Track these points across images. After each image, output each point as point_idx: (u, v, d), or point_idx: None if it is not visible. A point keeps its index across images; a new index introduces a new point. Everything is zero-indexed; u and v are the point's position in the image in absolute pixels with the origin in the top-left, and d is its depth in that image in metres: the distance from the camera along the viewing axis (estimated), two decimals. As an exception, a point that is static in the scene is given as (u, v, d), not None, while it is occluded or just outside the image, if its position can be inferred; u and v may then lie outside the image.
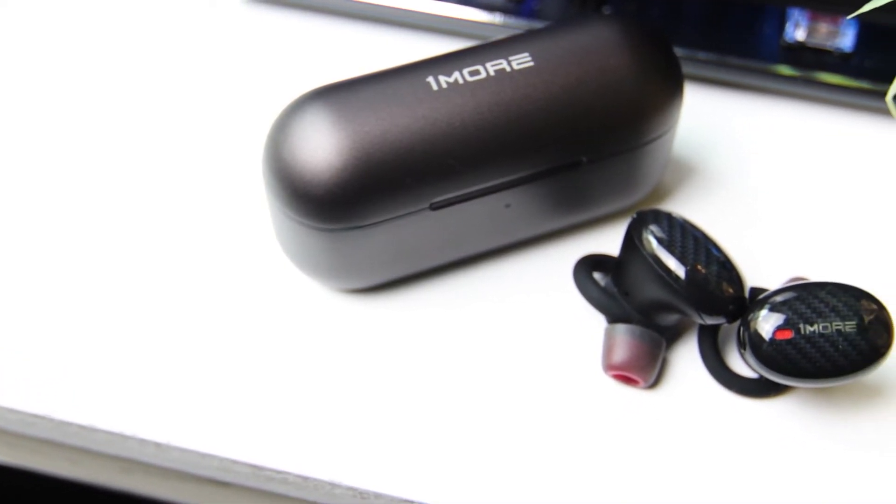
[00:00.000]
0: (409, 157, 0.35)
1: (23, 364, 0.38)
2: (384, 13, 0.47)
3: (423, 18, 0.47)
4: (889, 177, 0.43)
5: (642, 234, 0.36)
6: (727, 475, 0.36)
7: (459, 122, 0.35)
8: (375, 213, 0.35)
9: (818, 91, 0.44)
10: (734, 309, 0.36)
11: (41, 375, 0.38)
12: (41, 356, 0.38)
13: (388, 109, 0.35)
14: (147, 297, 0.40)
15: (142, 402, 0.37)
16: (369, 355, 0.38)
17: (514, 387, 0.38)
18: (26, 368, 0.38)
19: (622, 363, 0.37)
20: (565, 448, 0.36)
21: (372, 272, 0.38)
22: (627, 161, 0.38)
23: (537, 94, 0.36)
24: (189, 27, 0.48)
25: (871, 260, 0.40)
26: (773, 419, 0.37)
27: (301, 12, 0.48)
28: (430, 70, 0.36)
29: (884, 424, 0.37)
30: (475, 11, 0.46)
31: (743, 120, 0.45)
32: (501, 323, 0.39)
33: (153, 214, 0.42)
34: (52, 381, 0.38)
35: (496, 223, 0.38)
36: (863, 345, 0.34)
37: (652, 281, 0.36)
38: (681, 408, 0.37)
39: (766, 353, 0.35)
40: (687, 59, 0.44)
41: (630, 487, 0.36)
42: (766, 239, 0.41)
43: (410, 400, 0.37)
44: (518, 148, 0.36)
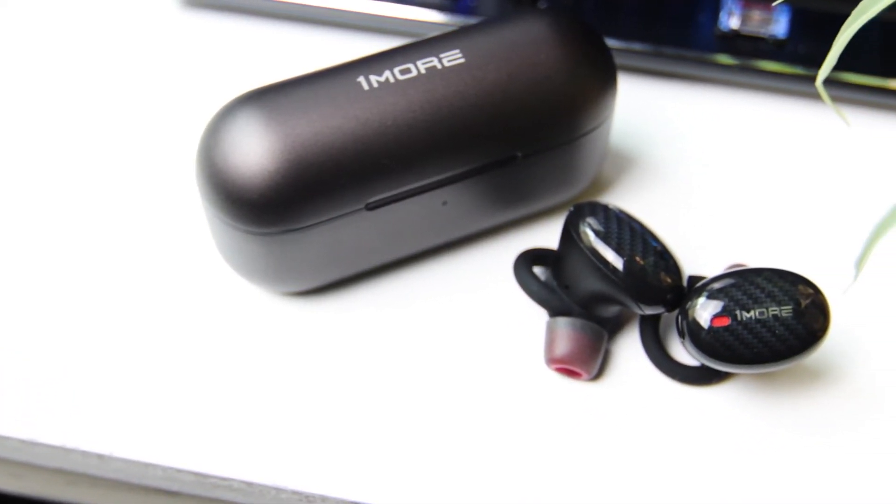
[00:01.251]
0: (342, 157, 0.35)
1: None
2: (323, 15, 0.47)
3: (362, 19, 0.47)
4: (824, 161, 0.43)
5: (579, 227, 0.36)
6: (672, 463, 0.36)
7: (391, 122, 0.35)
8: (310, 216, 0.35)
9: (753, 78, 0.45)
10: (672, 298, 0.36)
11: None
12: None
13: (320, 111, 0.35)
14: (84, 306, 0.39)
15: (82, 414, 0.37)
16: (311, 358, 0.38)
17: (458, 384, 0.38)
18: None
19: (564, 356, 0.37)
20: (510, 443, 0.36)
21: (311, 274, 0.38)
22: (563, 154, 0.38)
23: (468, 90, 0.36)
24: (124, 32, 0.48)
25: (809, 244, 0.41)
26: (715, 406, 0.37)
27: (238, 16, 0.48)
28: (362, 70, 0.36)
29: (824, 407, 0.37)
30: (413, 10, 0.46)
31: (680, 109, 0.45)
32: (443, 321, 0.39)
33: (88, 222, 0.42)
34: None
35: (434, 221, 0.38)
36: (799, 329, 0.34)
37: (590, 273, 0.36)
38: (624, 398, 0.37)
39: (705, 340, 0.35)
40: (623, 51, 0.45)
41: (577, 479, 0.36)
42: (705, 227, 0.41)
43: (353, 401, 0.37)
44: (452, 145, 0.36)
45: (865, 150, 0.44)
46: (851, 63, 0.45)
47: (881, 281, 0.40)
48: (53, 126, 0.45)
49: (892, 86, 0.44)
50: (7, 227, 0.41)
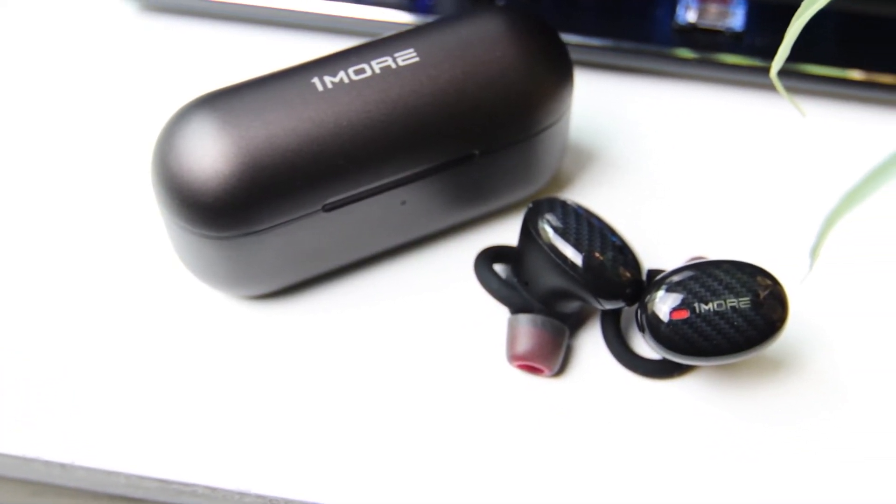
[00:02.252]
0: (298, 159, 0.35)
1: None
2: (283, 16, 0.47)
3: (322, 20, 0.47)
4: (783, 152, 0.43)
5: (538, 224, 0.36)
6: (637, 457, 0.36)
7: (346, 122, 0.35)
8: (267, 218, 0.35)
9: (712, 71, 0.45)
10: (631, 292, 0.36)
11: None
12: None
13: (274, 113, 0.35)
14: (42, 314, 0.39)
15: (43, 423, 0.37)
16: (273, 362, 0.38)
17: (420, 385, 0.38)
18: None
19: (525, 353, 0.37)
20: (474, 442, 0.36)
21: (270, 277, 0.38)
22: (521, 151, 0.38)
23: (423, 89, 0.36)
24: (82, 36, 0.47)
25: (769, 235, 0.41)
26: (678, 398, 0.37)
27: (197, 19, 0.48)
28: (316, 71, 0.36)
29: (786, 396, 0.37)
30: (372, 9, 0.46)
31: (640, 104, 0.45)
32: (405, 321, 0.39)
33: (46, 228, 0.41)
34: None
35: (393, 221, 0.38)
36: (758, 320, 0.35)
37: (549, 270, 0.36)
38: (587, 394, 0.37)
39: (665, 334, 0.35)
40: (581, 47, 0.45)
41: (541, 476, 0.36)
42: (665, 220, 0.41)
43: (316, 403, 0.37)
44: (408, 144, 0.36)
45: (824, 140, 0.44)
46: (810, 54, 0.45)
47: (840, 269, 0.40)
48: (8, 131, 0.44)
49: (850, 76, 0.45)
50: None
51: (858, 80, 0.45)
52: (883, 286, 0.40)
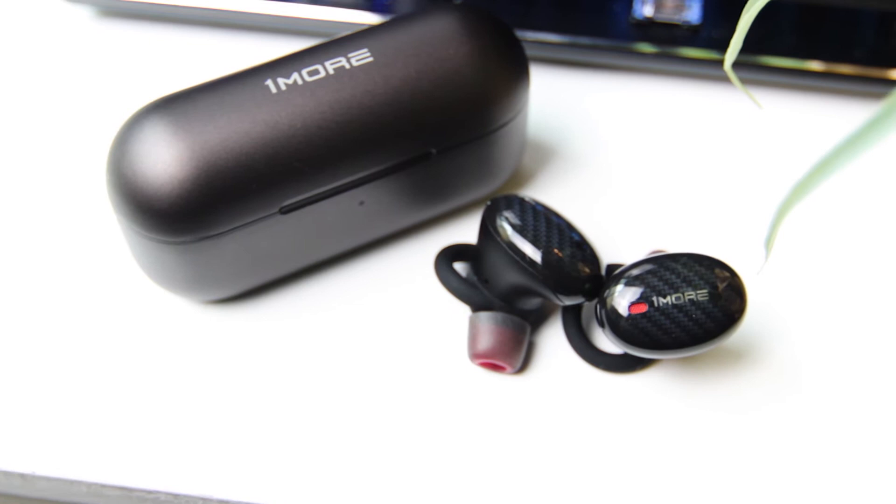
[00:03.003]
0: (252, 162, 0.35)
1: None
2: (239, 19, 0.46)
3: (280, 21, 0.46)
4: (743, 144, 0.44)
5: (496, 222, 0.36)
6: (600, 451, 0.36)
7: (301, 124, 0.35)
8: (223, 222, 0.35)
9: (670, 65, 0.45)
10: (591, 288, 0.36)
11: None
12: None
13: (228, 116, 0.35)
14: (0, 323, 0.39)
15: (1, 434, 0.37)
16: (234, 366, 0.38)
17: (383, 385, 0.37)
18: None
19: (487, 351, 0.37)
20: (438, 441, 0.36)
21: (230, 281, 0.38)
22: (478, 149, 0.38)
23: (378, 89, 0.36)
24: (37, 42, 0.47)
25: (729, 228, 0.41)
26: (641, 392, 0.37)
27: (153, 23, 0.47)
28: (269, 73, 0.36)
29: (746, 387, 0.37)
30: (330, 10, 0.46)
31: (599, 99, 0.45)
32: (366, 322, 0.39)
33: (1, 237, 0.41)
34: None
35: (352, 222, 0.38)
36: (716, 312, 0.35)
37: (509, 267, 0.36)
38: (550, 390, 0.37)
39: (624, 328, 0.35)
40: (539, 43, 0.45)
41: (505, 472, 0.36)
42: (626, 214, 0.41)
43: (279, 408, 0.37)
44: (363, 144, 0.36)
45: (784, 131, 0.44)
46: (769, 46, 0.45)
47: (798, 259, 0.40)
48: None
49: (809, 67, 0.45)
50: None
51: (818, 70, 0.45)
52: (840, 275, 0.40)
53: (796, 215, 0.41)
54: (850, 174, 0.42)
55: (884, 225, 0.41)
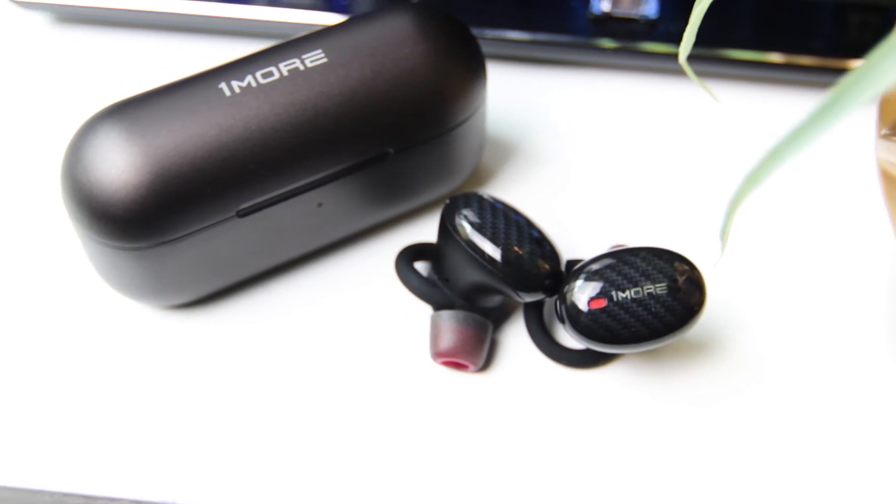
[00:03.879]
0: (207, 166, 0.34)
1: None
2: (197, 22, 0.46)
3: (238, 24, 0.46)
4: (703, 137, 0.44)
5: (455, 220, 0.36)
6: (566, 447, 0.36)
7: (256, 126, 0.35)
8: (180, 227, 0.35)
9: (629, 59, 0.45)
10: (551, 284, 0.36)
11: None
12: None
13: (181, 120, 0.35)
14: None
15: (-36, 446, 0.36)
16: (195, 372, 0.38)
17: (346, 387, 0.37)
18: None
19: (448, 349, 0.37)
20: (403, 442, 0.36)
21: (189, 287, 0.38)
22: (436, 148, 0.38)
23: (332, 90, 0.36)
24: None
25: (689, 221, 0.41)
26: (604, 386, 0.37)
27: (112, 28, 0.47)
28: (223, 76, 0.36)
29: (709, 378, 0.37)
30: (287, 12, 0.46)
31: (559, 95, 0.45)
32: (327, 324, 0.39)
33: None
34: None
35: (311, 224, 0.38)
36: (675, 306, 0.35)
37: (469, 265, 0.36)
38: (513, 387, 0.37)
39: (584, 323, 0.35)
40: (497, 41, 0.45)
41: (471, 471, 0.36)
42: (587, 209, 0.41)
43: (243, 413, 0.37)
44: (320, 145, 0.36)
45: (744, 123, 0.44)
46: (729, 38, 0.45)
47: (758, 251, 0.40)
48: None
49: (769, 59, 0.45)
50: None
51: (777, 62, 0.45)
52: (799, 265, 0.40)
53: (756, 207, 0.41)
54: (809, 165, 0.42)
55: (842, 216, 0.41)
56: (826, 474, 0.35)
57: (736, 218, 0.40)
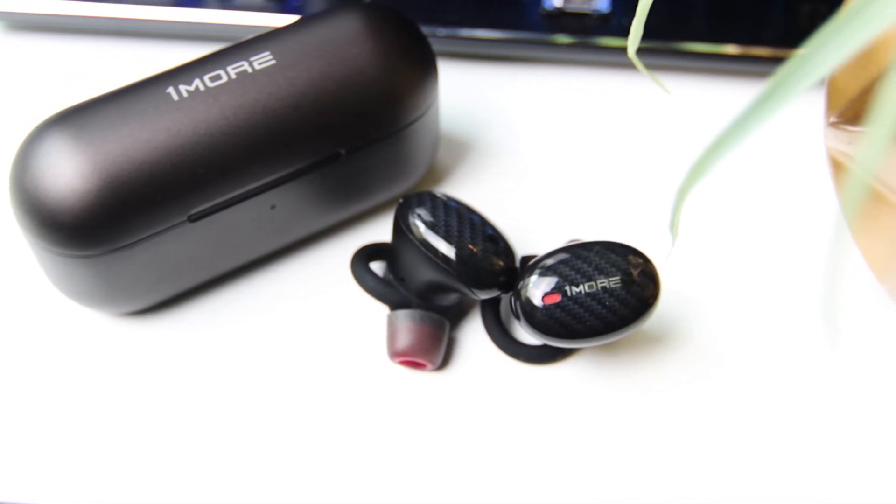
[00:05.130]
0: (156, 171, 0.34)
1: None
2: (149, 27, 0.46)
3: (191, 28, 0.46)
4: (659, 130, 0.44)
5: (408, 220, 0.36)
6: (527, 442, 0.36)
7: (205, 130, 0.35)
8: (130, 234, 0.35)
9: (582, 54, 0.45)
10: (505, 280, 0.36)
11: None
12: None
13: (129, 126, 0.34)
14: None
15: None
16: (152, 380, 0.37)
17: (304, 390, 0.37)
18: None
19: (405, 349, 0.37)
20: (362, 443, 0.36)
21: (143, 293, 0.37)
22: (388, 147, 0.38)
23: (281, 91, 0.35)
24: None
25: (646, 214, 0.41)
26: (563, 381, 0.37)
27: (63, 36, 0.47)
28: (171, 80, 0.35)
29: (666, 368, 0.37)
30: (239, 14, 0.45)
31: (514, 92, 0.45)
32: (284, 327, 0.38)
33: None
34: None
35: (265, 227, 0.38)
36: (629, 299, 0.35)
37: (423, 264, 0.36)
38: (472, 384, 0.37)
39: (539, 319, 0.35)
40: (451, 38, 0.45)
41: (432, 470, 0.36)
42: (543, 205, 0.41)
43: (200, 420, 0.37)
44: (270, 148, 0.36)
45: (700, 116, 0.45)
46: (685, 31, 0.45)
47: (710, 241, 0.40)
48: None
49: (725, 51, 0.45)
50: None
51: (734, 54, 0.45)
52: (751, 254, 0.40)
53: (709, 198, 0.41)
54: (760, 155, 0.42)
55: (793, 204, 0.41)
56: (781, 460, 0.36)
57: (691, 210, 0.40)
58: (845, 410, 0.37)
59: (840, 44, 0.26)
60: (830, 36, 0.26)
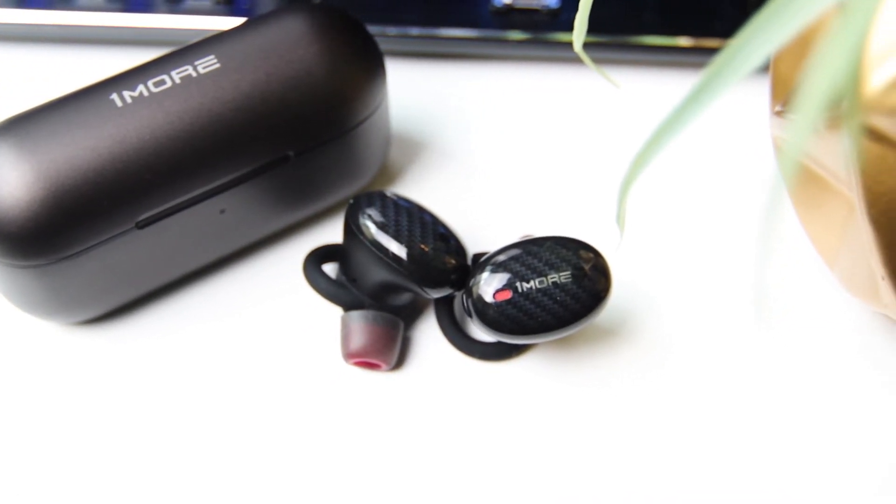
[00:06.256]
0: (102, 179, 0.34)
1: None
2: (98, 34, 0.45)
3: (140, 33, 0.45)
4: (611, 125, 0.44)
5: (358, 220, 0.36)
6: (483, 440, 0.36)
7: (149, 136, 0.35)
8: (78, 242, 0.34)
9: (533, 50, 0.45)
10: (457, 278, 0.36)
11: None
12: None
13: (73, 134, 0.34)
14: None
15: None
16: (106, 389, 0.37)
17: (259, 395, 0.37)
18: None
19: (359, 349, 0.37)
20: (320, 445, 0.36)
21: (94, 302, 0.37)
22: (338, 148, 0.38)
23: (226, 95, 0.35)
24: None
25: (598, 209, 0.41)
26: (519, 377, 0.37)
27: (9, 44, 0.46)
28: (114, 87, 0.35)
29: (620, 361, 0.37)
30: (188, 18, 0.45)
31: (466, 89, 0.45)
32: (238, 332, 0.38)
33: None
34: None
35: (215, 231, 0.38)
36: (581, 293, 0.35)
37: (374, 265, 0.36)
38: (428, 383, 0.37)
39: (491, 316, 0.35)
40: (401, 37, 0.45)
41: (389, 470, 0.36)
42: (496, 202, 0.41)
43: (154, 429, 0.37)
44: (217, 152, 0.35)
45: (653, 109, 0.45)
46: (638, 25, 0.45)
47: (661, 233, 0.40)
48: None
49: (678, 43, 0.45)
50: None
51: (686, 46, 0.45)
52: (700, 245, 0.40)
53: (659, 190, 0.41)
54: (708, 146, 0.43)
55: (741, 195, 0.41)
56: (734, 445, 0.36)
57: (643, 203, 0.40)
58: (797, 395, 0.37)
59: (772, 32, 0.26)
60: (762, 25, 0.26)
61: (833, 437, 0.36)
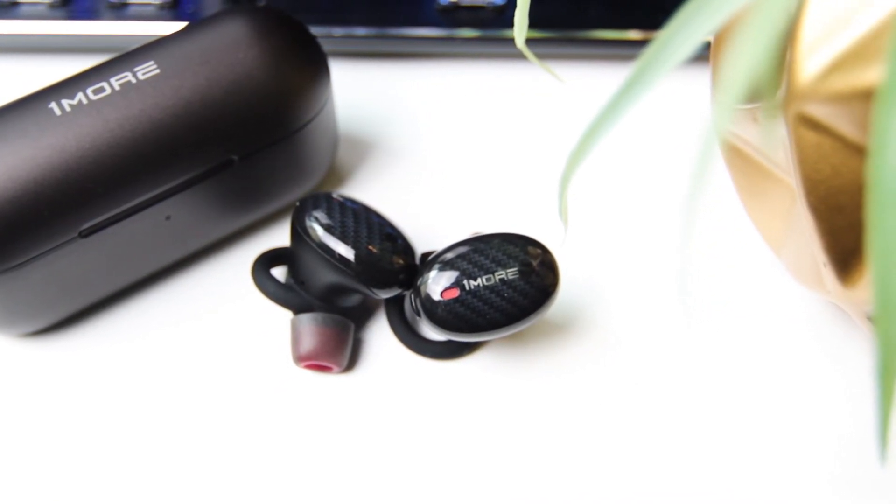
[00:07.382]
0: (42, 189, 0.34)
1: None
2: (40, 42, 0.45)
3: (86, 41, 0.45)
4: (557, 120, 0.44)
5: (305, 223, 0.36)
6: (439, 438, 0.36)
7: (90, 144, 0.34)
8: (19, 253, 0.34)
9: (480, 47, 0.45)
10: (405, 278, 0.36)
11: None
12: None
13: (11, 144, 0.34)
14: None
15: None
16: (56, 401, 0.37)
17: (210, 403, 0.37)
18: None
19: (310, 352, 0.36)
20: (271, 450, 0.36)
21: (40, 313, 0.37)
22: (282, 151, 0.38)
23: (166, 101, 0.35)
24: None
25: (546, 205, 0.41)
26: (472, 374, 0.37)
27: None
28: (53, 96, 0.35)
29: (571, 357, 0.37)
30: (132, 24, 0.45)
31: (413, 88, 0.45)
32: (188, 339, 0.38)
33: None
34: None
35: (162, 238, 0.37)
36: (529, 289, 0.35)
37: (322, 267, 0.36)
38: (380, 384, 0.37)
39: (439, 315, 0.35)
40: (347, 38, 0.44)
41: (343, 473, 0.36)
42: (446, 201, 0.41)
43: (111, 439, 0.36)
44: (158, 158, 0.35)
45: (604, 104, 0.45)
46: (588, 20, 0.45)
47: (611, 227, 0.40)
48: None
49: (629, 37, 0.45)
50: None
51: (637, 39, 0.45)
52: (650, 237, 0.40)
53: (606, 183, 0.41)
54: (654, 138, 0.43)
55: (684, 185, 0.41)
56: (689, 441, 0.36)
57: (589, 196, 0.40)
58: (749, 385, 0.37)
59: (700, 23, 0.26)
60: (690, 15, 0.26)
61: (783, 424, 0.36)
